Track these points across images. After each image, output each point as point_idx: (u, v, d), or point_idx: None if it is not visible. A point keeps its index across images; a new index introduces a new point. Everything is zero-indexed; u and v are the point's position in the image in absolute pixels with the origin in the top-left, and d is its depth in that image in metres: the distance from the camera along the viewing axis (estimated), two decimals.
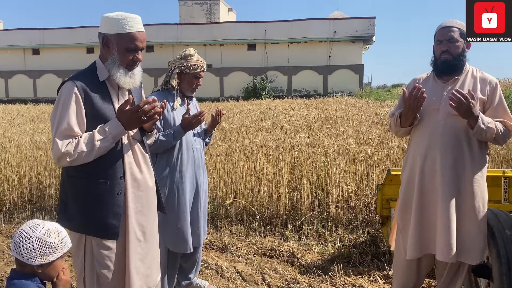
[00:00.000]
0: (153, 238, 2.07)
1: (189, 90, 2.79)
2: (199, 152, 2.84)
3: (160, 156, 2.71)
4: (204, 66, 2.78)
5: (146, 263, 2.02)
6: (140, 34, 1.91)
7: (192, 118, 2.64)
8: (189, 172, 2.75)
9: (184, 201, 2.70)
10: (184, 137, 2.73)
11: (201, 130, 2.92)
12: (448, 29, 2.41)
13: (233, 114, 12.31)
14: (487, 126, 2.28)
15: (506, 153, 5.33)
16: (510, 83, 21.97)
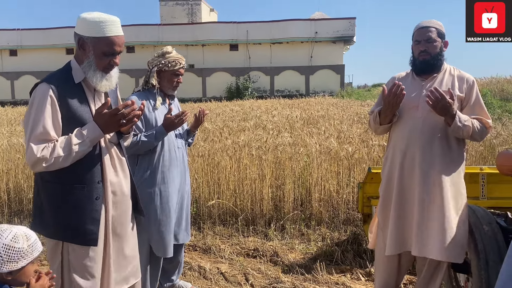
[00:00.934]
0: (130, 241, 2.04)
1: (170, 88, 2.75)
2: (181, 153, 2.81)
3: (142, 157, 2.67)
4: (183, 63, 2.74)
5: (122, 266, 1.98)
6: (119, 38, 1.86)
7: (174, 118, 2.60)
8: (172, 173, 2.71)
9: (167, 203, 2.67)
10: (166, 138, 2.69)
11: (184, 131, 2.89)
12: (426, 29, 2.45)
13: (216, 114, 12.27)
14: (464, 124, 2.32)
15: (483, 150, 5.45)
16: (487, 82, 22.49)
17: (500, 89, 19.85)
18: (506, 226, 2.41)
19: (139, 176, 2.64)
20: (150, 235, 2.62)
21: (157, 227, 2.63)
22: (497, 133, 5.99)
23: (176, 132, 2.79)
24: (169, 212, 2.67)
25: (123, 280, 2.00)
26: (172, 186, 2.70)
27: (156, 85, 2.71)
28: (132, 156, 2.65)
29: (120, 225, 1.97)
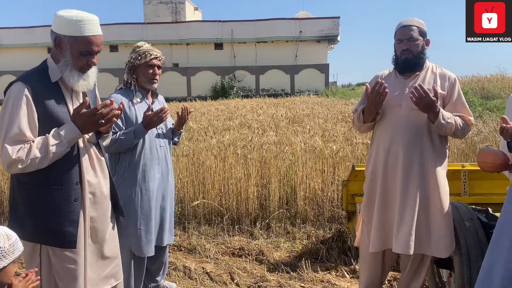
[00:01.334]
0: (110, 242, 2.00)
1: (146, 82, 2.69)
2: (164, 152, 2.77)
3: (123, 155, 2.63)
4: (156, 54, 2.68)
5: (100, 266, 1.95)
6: (97, 38, 1.81)
7: (153, 115, 2.56)
8: (153, 172, 2.67)
9: (148, 202, 2.63)
10: (147, 136, 2.65)
11: (167, 129, 2.84)
12: (408, 28, 2.47)
13: (201, 113, 12.22)
14: (447, 121, 2.34)
15: (465, 148, 5.53)
16: (468, 80, 22.89)
17: (481, 88, 20.20)
18: (487, 222, 2.45)
19: (120, 175, 2.61)
20: (129, 234, 2.58)
21: (136, 226, 2.60)
22: (478, 130, 6.10)
23: (158, 131, 2.74)
24: (149, 211, 2.63)
25: (101, 281, 1.97)
26: (153, 185, 2.66)
27: (130, 81, 2.68)
28: (114, 154, 2.62)
29: (100, 226, 1.94)
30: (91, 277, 1.91)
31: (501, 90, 18.61)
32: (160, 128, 2.76)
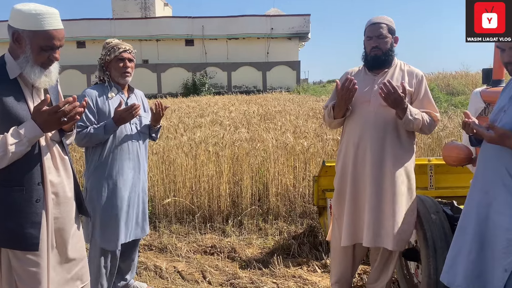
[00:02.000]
0: (74, 244, 1.94)
1: (119, 77, 2.65)
2: (136, 147, 2.71)
3: (94, 149, 2.60)
4: (126, 47, 2.64)
5: (65, 268, 1.89)
6: (58, 32, 1.74)
7: (123, 111, 2.52)
8: (123, 167, 2.63)
9: (117, 197, 2.59)
10: (119, 131, 2.62)
11: (143, 125, 2.78)
12: (377, 25, 2.51)
13: (171, 111, 12.06)
14: (414, 117, 2.39)
15: (431, 143, 5.69)
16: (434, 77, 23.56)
17: (446, 84, 20.85)
18: (452, 215, 2.52)
19: (91, 169, 2.60)
20: (96, 227, 2.55)
21: (104, 219, 2.56)
22: (444, 125, 6.28)
23: (131, 126, 2.70)
24: (118, 205, 2.59)
25: (66, 284, 1.90)
26: (122, 180, 2.62)
27: (103, 78, 2.66)
28: (88, 148, 2.62)
29: (63, 227, 1.87)
30: (55, 280, 1.84)
31: (465, 87, 19.27)
32: (133, 123, 2.71)
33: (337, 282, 2.79)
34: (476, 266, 1.80)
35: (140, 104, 2.72)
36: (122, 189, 2.62)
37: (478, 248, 1.81)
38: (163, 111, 2.79)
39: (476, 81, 19.21)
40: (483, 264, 1.78)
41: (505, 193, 1.73)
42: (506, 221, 1.71)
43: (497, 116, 1.85)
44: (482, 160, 1.91)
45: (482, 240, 1.80)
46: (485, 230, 1.80)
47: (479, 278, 1.79)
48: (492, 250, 1.76)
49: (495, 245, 1.75)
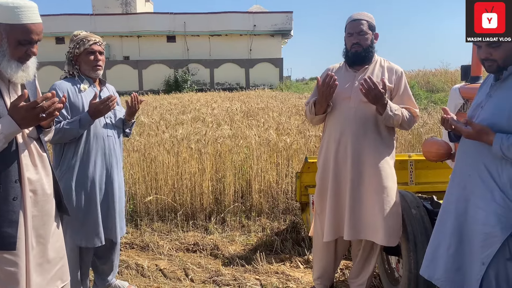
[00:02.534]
0: (54, 243, 1.90)
1: (90, 70, 2.57)
2: (112, 142, 2.64)
3: (68, 146, 2.50)
4: (96, 39, 2.57)
5: (45, 269, 1.85)
6: (36, 26, 1.69)
7: (99, 103, 2.43)
8: (99, 163, 2.56)
9: (93, 193, 2.52)
10: (93, 126, 2.53)
11: (117, 119, 2.71)
12: (357, 22, 2.52)
13: (153, 107, 11.94)
14: (394, 113, 2.41)
15: (411, 139, 5.77)
16: (414, 74, 23.90)
17: (426, 81, 21.18)
18: (432, 209, 2.56)
19: (64, 165, 2.49)
20: (76, 227, 2.48)
21: (83, 217, 2.49)
22: (424, 122, 6.38)
23: (106, 120, 2.62)
24: (94, 202, 2.52)
25: (49, 284, 1.86)
26: (98, 176, 2.55)
27: (72, 72, 2.57)
28: (59, 145, 2.51)
29: (42, 226, 1.83)
30: (37, 281, 1.80)
31: (445, 84, 19.61)
32: (108, 117, 2.64)
33: (319, 277, 2.80)
34: (455, 260, 1.83)
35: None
36: (99, 186, 2.55)
37: (457, 242, 1.84)
38: (139, 104, 2.73)
39: (455, 78, 19.57)
40: (461, 257, 1.82)
41: (483, 188, 1.76)
42: (483, 215, 1.74)
43: (474, 112, 1.88)
44: (460, 155, 1.94)
45: (460, 234, 1.83)
46: (464, 224, 1.83)
47: (458, 271, 1.82)
48: (470, 244, 1.79)
49: (473, 239, 1.78)
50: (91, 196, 2.52)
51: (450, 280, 1.84)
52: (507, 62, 1.73)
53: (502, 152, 1.67)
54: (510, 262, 1.68)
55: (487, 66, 1.80)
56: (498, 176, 1.72)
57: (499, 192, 1.70)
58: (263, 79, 32.22)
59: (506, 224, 1.67)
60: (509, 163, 1.70)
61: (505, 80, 1.77)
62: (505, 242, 1.67)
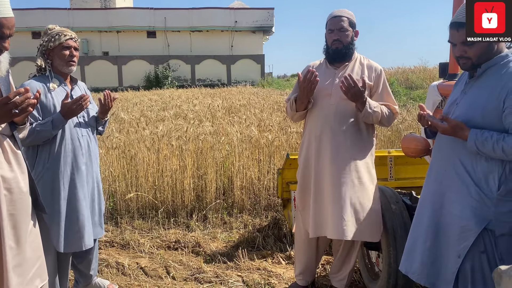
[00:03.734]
0: (31, 242, 1.86)
1: (64, 66, 2.50)
2: (86, 142, 2.58)
3: (42, 147, 2.43)
4: (70, 34, 2.50)
5: (24, 269, 1.81)
6: (8, 20, 1.64)
7: (71, 103, 2.36)
8: (77, 163, 2.49)
9: (73, 196, 2.46)
10: (68, 126, 2.46)
11: (90, 117, 2.65)
12: (338, 18, 2.53)
13: (133, 104, 11.79)
14: (374, 110, 2.44)
15: (391, 135, 5.85)
16: (393, 71, 24.23)
17: (405, 78, 21.49)
18: (410, 204, 2.60)
19: (39, 168, 2.41)
20: (55, 231, 2.40)
21: (62, 221, 2.41)
22: (403, 118, 6.47)
23: (79, 119, 2.56)
24: (76, 204, 2.46)
25: (28, 284, 1.82)
26: (77, 176, 2.48)
27: (45, 66, 2.48)
28: (32, 147, 2.42)
29: (19, 224, 1.78)
30: (16, 282, 1.75)
31: (423, 81, 19.94)
32: (81, 116, 2.57)
33: (301, 273, 2.82)
34: (431, 253, 1.87)
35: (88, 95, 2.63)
36: (79, 188, 2.49)
37: (433, 236, 1.88)
38: (112, 102, 2.65)
39: (433, 75, 19.92)
40: (438, 250, 1.86)
41: (458, 182, 1.80)
42: (458, 209, 1.78)
43: (450, 109, 1.92)
44: (436, 151, 1.98)
45: (437, 228, 1.87)
46: (440, 218, 1.87)
47: (433, 265, 1.86)
48: (446, 237, 1.83)
49: (449, 232, 1.82)
50: (70, 199, 2.45)
51: (425, 273, 1.88)
52: (481, 59, 1.77)
53: (477, 147, 1.71)
54: (484, 255, 1.72)
55: (461, 64, 1.83)
56: (473, 171, 1.76)
57: (474, 186, 1.75)
58: (245, 76, 32.18)
59: (481, 217, 1.72)
60: (483, 158, 1.74)
61: (479, 77, 1.81)
62: (480, 235, 1.71)
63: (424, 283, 1.91)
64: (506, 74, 1.71)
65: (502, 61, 1.75)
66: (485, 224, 1.71)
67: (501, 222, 1.70)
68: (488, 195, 1.71)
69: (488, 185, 1.72)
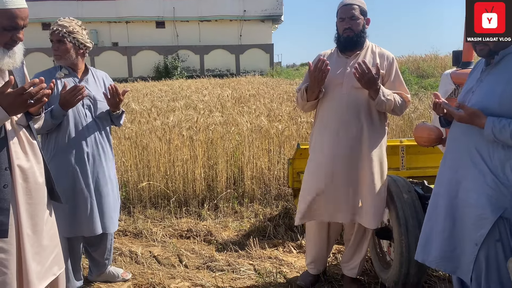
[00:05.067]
0: (48, 230, 1.89)
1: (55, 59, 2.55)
2: (94, 133, 2.58)
3: (49, 136, 2.48)
4: (54, 28, 2.49)
5: (43, 257, 1.85)
6: (21, 11, 1.65)
7: (66, 94, 2.35)
8: (83, 156, 2.51)
9: (76, 188, 2.49)
10: (72, 116, 2.49)
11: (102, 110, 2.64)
12: (349, 6, 2.50)
13: (143, 95, 11.84)
14: (387, 98, 2.42)
15: (402, 124, 5.82)
16: (404, 60, 23.94)
17: (416, 67, 21.23)
18: (423, 194, 2.60)
19: (47, 156, 2.45)
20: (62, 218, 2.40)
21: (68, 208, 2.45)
22: (415, 107, 6.42)
23: (85, 110, 2.57)
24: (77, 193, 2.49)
25: (47, 272, 1.87)
26: (81, 169, 2.50)
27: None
28: (43, 135, 2.48)
29: (35, 214, 1.82)
30: (36, 270, 1.80)
31: (435, 69, 19.67)
32: (86, 107, 2.57)
33: (312, 261, 2.84)
34: (450, 242, 1.87)
35: (96, 85, 2.63)
36: (82, 179, 2.50)
37: (451, 225, 1.87)
38: (120, 96, 2.58)
39: (445, 63, 19.65)
40: (456, 239, 1.86)
41: (474, 171, 1.79)
42: (474, 197, 1.77)
43: (465, 97, 1.90)
44: (451, 139, 1.96)
45: (453, 217, 1.87)
46: (456, 207, 1.86)
47: (452, 253, 1.86)
48: (463, 226, 1.83)
49: (466, 221, 1.81)
50: (74, 188, 2.48)
51: (446, 260, 1.88)
52: (499, 46, 1.74)
53: (494, 135, 1.69)
54: (500, 243, 1.72)
55: (478, 50, 1.81)
56: (490, 159, 1.75)
57: (491, 174, 1.74)
58: (254, 65, 32.04)
59: (497, 206, 1.71)
60: (500, 146, 1.72)
61: (496, 65, 1.79)
62: (495, 223, 1.71)
63: (444, 269, 1.92)
64: None
65: None
66: (501, 212, 1.70)
67: None
68: (504, 183, 1.71)
69: (504, 173, 1.71)
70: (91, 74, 2.68)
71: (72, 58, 2.55)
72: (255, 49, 32.57)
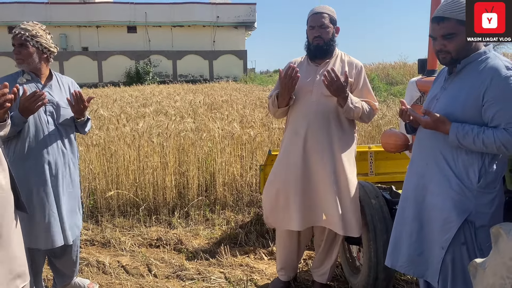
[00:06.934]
0: (12, 240, 1.81)
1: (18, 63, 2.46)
2: (56, 140, 2.49)
3: (9, 144, 2.38)
4: (15, 31, 2.41)
5: (10, 271, 1.76)
6: None
7: (24, 100, 2.26)
8: (41, 162, 2.42)
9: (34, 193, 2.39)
10: (33, 123, 2.40)
11: (65, 117, 2.54)
12: (319, 15, 2.54)
13: (113, 100, 11.60)
14: (355, 105, 2.46)
15: (371, 130, 5.92)
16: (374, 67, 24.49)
17: (386, 74, 21.76)
18: (390, 199, 2.64)
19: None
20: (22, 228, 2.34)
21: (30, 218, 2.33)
22: (383, 114, 6.55)
23: (47, 117, 2.47)
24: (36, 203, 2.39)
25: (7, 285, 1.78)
26: (39, 176, 2.41)
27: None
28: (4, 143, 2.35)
29: (2, 223, 1.73)
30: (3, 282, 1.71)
31: (403, 77, 20.22)
32: (48, 114, 2.48)
33: (283, 268, 2.83)
34: (418, 246, 1.90)
35: (60, 91, 2.54)
36: (40, 189, 2.41)
37: (418, 229, 1.91)
38: (84, 102, 2.49)
39: (413, 71, 20.20)
40: (423, 243, 1.89)
41: (440, 175, 1.83)
42: (440, 201, 1.81)
43: (430, 104, 1.95)
44: (417, 145, 2.00)
45: (421, 221, 1.91)
46: (423, 211, 1.90)
47: (420, 257, 1.90)
48: (430, 230, 1.87)
49: (432, 225, 1.85)
50: (31, 198, 2.37)
51: (414, 264, 1.91)
52: (461, 54, 1.80)
53: (458, 141, 1.74)
54: (465, 247, 1.76)
55: (441, 58, 1.86)
56: (454, 164, 1.80)
57: (455, 179, 1.78)
58: (227, 71, 32.07)
59: (462, 209, 1.75)
60: (463, 151, 1.77)
61: (459, 73, 1.84)
62: (461, 227, 1.75)
63: (413, 274, 1.95)
64: (484, 69, 1.74)
65: (480, 57, 1.79)
66: (466, 216, 1.75)
67: (481, 213, 1.74)
68: (468, 187, 1.75)
69: (468, 177, 1.76)
70: (56, 80, 2.59)
71: (35, 62, 2.46)
72: (228, 55, 32.62)
